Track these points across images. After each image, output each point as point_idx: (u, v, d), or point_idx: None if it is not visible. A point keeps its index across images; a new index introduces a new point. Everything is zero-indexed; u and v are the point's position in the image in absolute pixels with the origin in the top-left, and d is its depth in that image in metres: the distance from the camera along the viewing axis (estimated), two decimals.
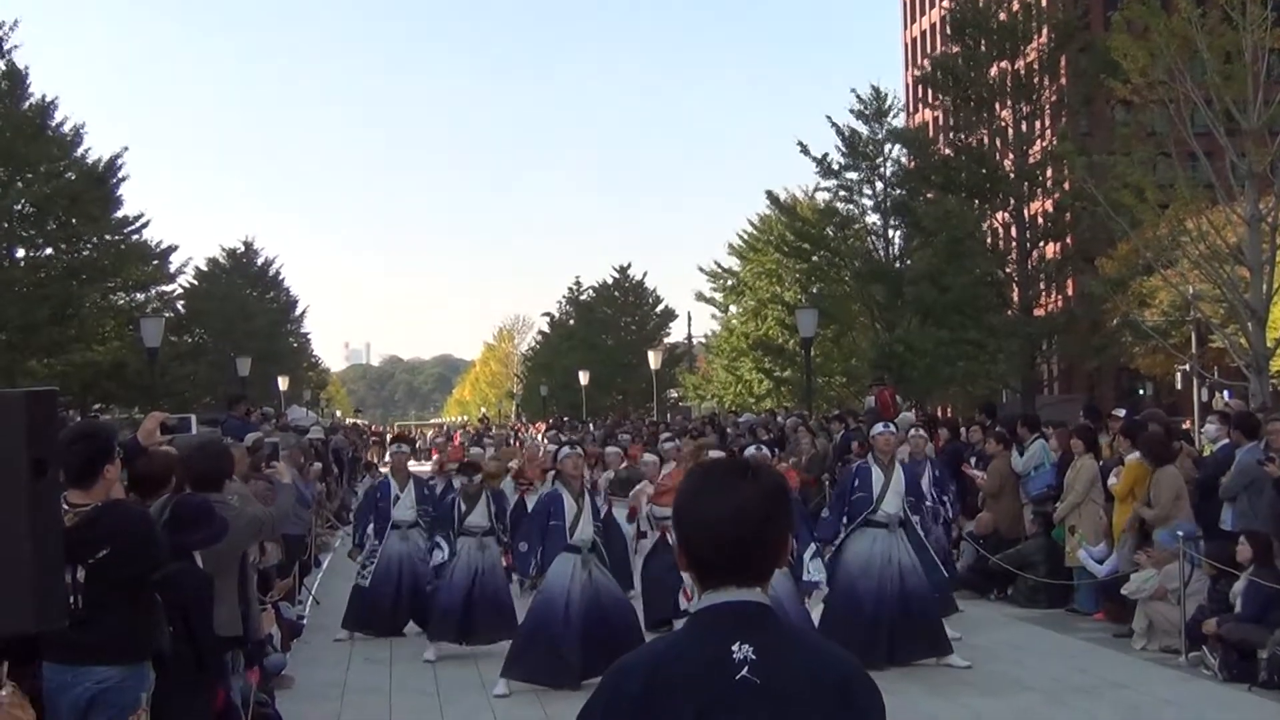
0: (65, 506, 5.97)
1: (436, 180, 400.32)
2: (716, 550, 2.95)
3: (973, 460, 18.83)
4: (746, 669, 2.84)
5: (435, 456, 30.45)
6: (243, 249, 73.50)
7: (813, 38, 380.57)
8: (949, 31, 47.75)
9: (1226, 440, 14.57)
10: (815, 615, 12.88)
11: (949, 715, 10.76)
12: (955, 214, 42.01)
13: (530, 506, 14.93)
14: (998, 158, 44.74)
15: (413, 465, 17.60)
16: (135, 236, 47.21)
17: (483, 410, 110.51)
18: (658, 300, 79.48)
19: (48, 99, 42.54)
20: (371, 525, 15.56)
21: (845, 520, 13.34)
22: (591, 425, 45.64)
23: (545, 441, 29.72)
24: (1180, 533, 13.47)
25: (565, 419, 52.27)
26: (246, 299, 69.30)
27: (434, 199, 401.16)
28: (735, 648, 2.86)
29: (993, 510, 17.82)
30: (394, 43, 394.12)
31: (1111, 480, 15.54)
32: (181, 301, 58.91)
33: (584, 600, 12.14)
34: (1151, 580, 13.82)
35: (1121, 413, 18.19)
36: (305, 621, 15.52)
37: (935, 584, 13.65)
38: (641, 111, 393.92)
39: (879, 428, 14.12)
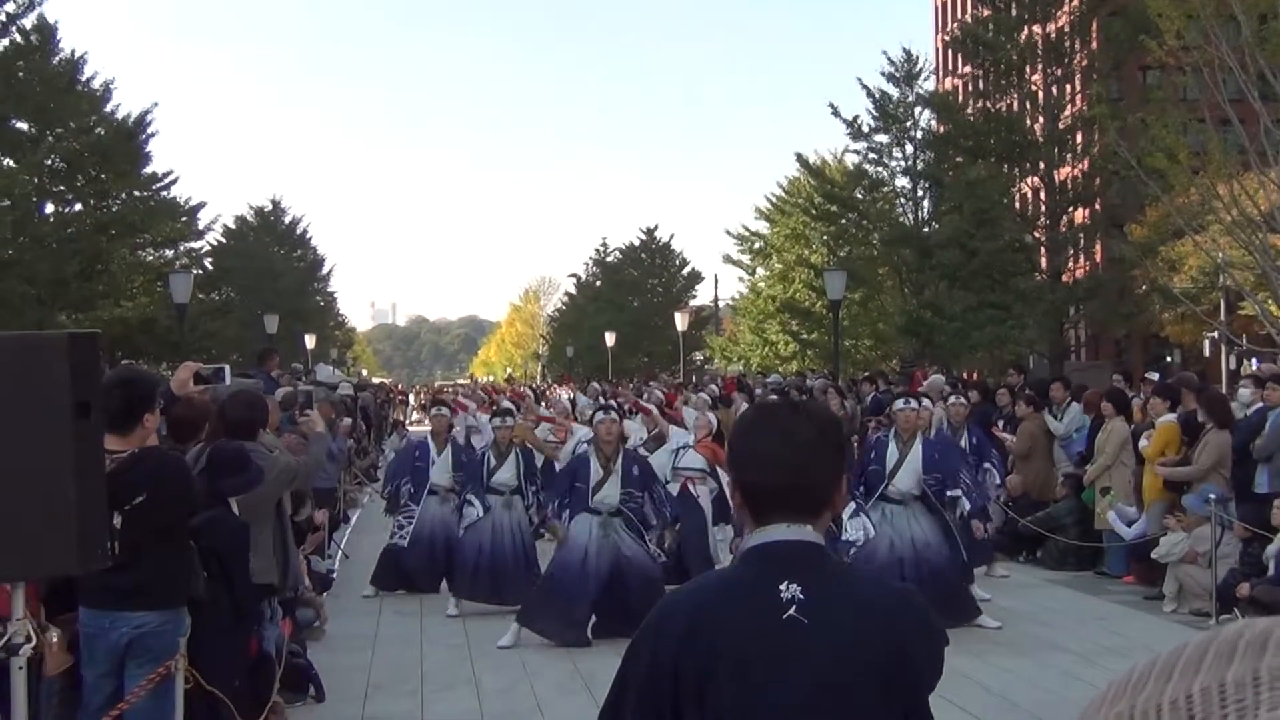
0: None
1: (464, 140, 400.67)
2: (768, 481, 2.96)
3: (1001, 423, 18.79)
4: (794, 608, 2.85)
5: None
6: (270, 207, 73.57)
7: (842, 1, 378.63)
8: None
9: (1261, 404, 14.49)
10: None
11: (982, 675, 10.75)
12: (983, 182, 41.79)
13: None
14: (1028, 122, 44.47)
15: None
16: (164, 193, 47.26)
17: (509, 371, 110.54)
18: (684, 262, 79.25)
19: (78, 54, 42.64)
20: (408, 484, 15.56)
21: (861, 490, 13.28)
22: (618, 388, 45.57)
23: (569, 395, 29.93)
24: (1212, 495, 13.42)
25: (589, 380, 52.25)
26: (274, 257, 69.40)
27: (462, 159, 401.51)
28: (783, 587, 2.86)
29: (1022, 472, 17.79)
30: (423, 2, 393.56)
31: (1142, 443, 15.49)
32: (209, 259, 59.03)
33: (602, 561, 12.21)
34: (1181, 544, 13.78)
35: (1155, 376, 18.13)
36: (335, 575, 15.59)
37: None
38: (671, 72, 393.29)
39: (900, 403, 13.91)
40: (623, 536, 12.42)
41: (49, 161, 41.44)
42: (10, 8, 38.21)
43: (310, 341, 59.64)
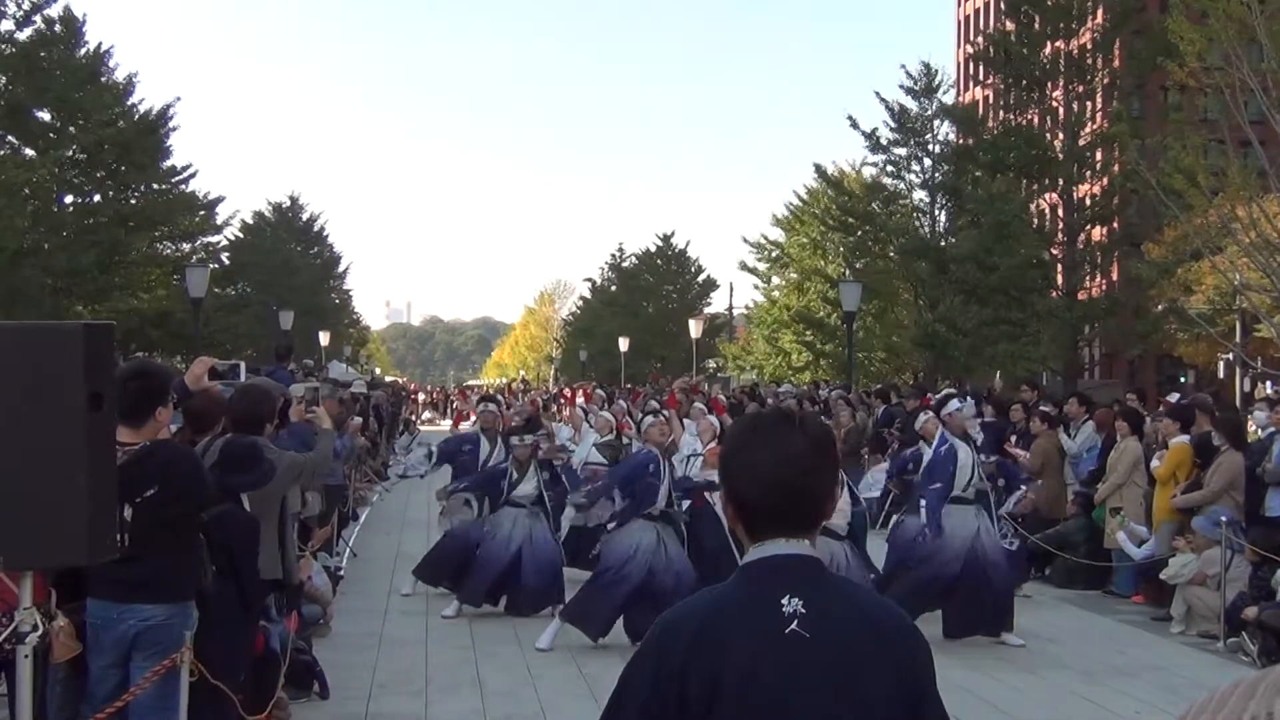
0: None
1: (483, 142, 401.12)
2: (763, 496, 2.95)
3: (1014, 439, 18.72)
4: (796, 623, 2.84)
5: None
6: (288, 204, 73.75)
7: (864, 12, 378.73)
8: (1004, 8, 47.35)
9: (1274, 427, 14.46)
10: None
11: (987, 690, 10.74)
12: (1002, 197, 41.74)
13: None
14: (1048, 138, 44.41)
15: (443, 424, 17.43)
16: (183, 187, 47.43)
17: (521, 373, 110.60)
18: (700, 269, 79.37)
19: (102, 47, 42.79)
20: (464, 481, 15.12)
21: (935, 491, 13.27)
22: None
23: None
24: (1223, 518, 13.38)
25: (599, 385, 52.24)
26: (291, 253, 69.61)
27: (480, 161, 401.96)
28: (785, 601, 2.85)
29: (1034, 490, 17.72)
30: (445, 3, 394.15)
31: (1154, 464, 15.45)
32: (226, 253, 59.15)
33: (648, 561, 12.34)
34: (1191, 565, 13.75)
35: (1175, 398, 18.11)
36: (343, 574, 15.59)
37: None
38: (691, 81, 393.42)
39: (955, 404, 14.00)
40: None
41: (69, 153, 41.58)
42: None
43: (324, 338, 59.85)
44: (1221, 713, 0.83)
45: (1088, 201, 44.80)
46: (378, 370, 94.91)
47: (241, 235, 65.11)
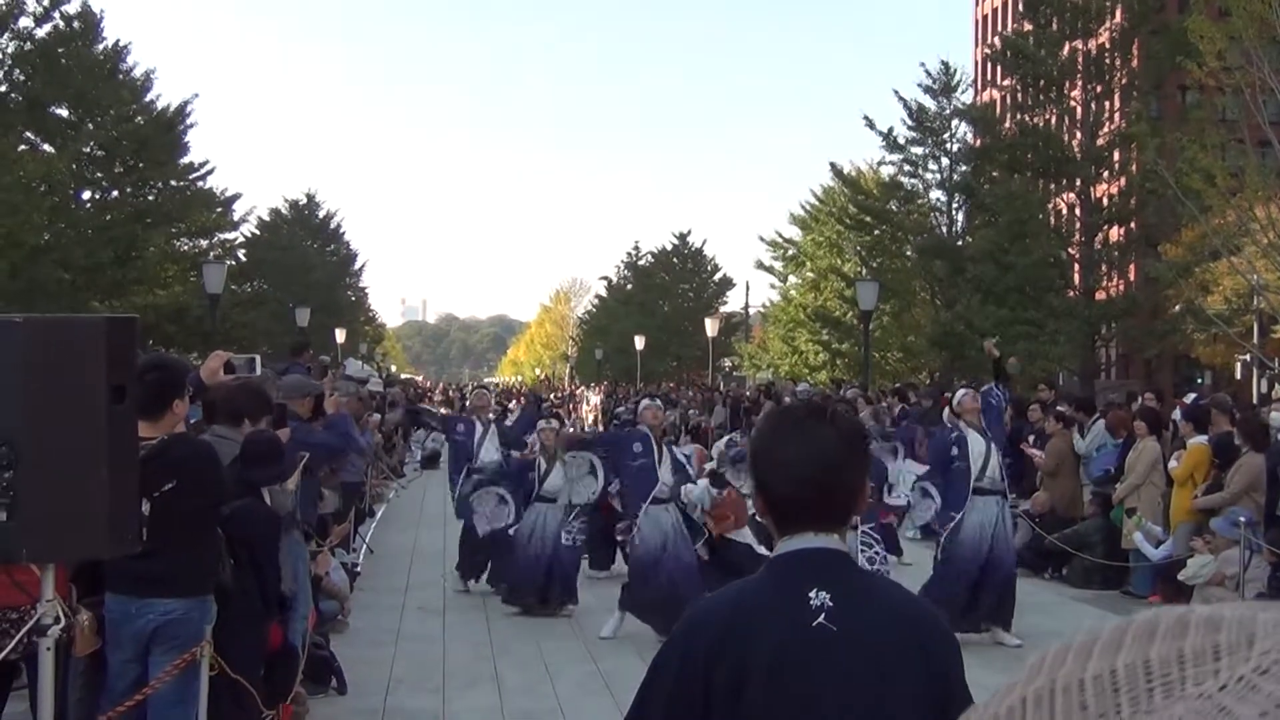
0: None
1: (499, 140, 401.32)
2: (794, 490, 2.93)
3: (1031, 439, 18.72)
4: (823, 616, 2.83)
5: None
6: (305, 201, 73.72)
7: (883, 11, 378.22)
8: (1021, 8, 47.26)
9: None
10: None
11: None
12: (1019, 196, 41.66)
13: None
14: (1066, 138, 44.30)
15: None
16: (200, 183, 47.45)
17: (538, 371, 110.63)
18: (716, 268, 79.24)
19: (120, 44, 42.86)
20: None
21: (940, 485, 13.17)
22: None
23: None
24: (1242, 519, 13.33)
25: (618, 384, 52.25)
26: (307, 250, 69.56)
27: (496, 159, 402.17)
28: (812, 594, 2.85)
29: (1050, 489, 17.72)
30: (459, 2, 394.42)
31: (1171, 464, 15.41)
32: (243, 250, 59.17)
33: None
34: (1209, 566, 13.71)
35: (1191, 398, 18.10)
36: (360, 570, 15.60)
37: None
38: (709, 78, 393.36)
39: (963, 392, 13.99)
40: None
41: (87, 149, 41.63)
42: None
43: (340, 336, 59.84)
44: (1121, 655, 0.81)
45: (1105, 201, 44.70)
46: (393, 368, 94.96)
47: (258, 232, 65.11)
